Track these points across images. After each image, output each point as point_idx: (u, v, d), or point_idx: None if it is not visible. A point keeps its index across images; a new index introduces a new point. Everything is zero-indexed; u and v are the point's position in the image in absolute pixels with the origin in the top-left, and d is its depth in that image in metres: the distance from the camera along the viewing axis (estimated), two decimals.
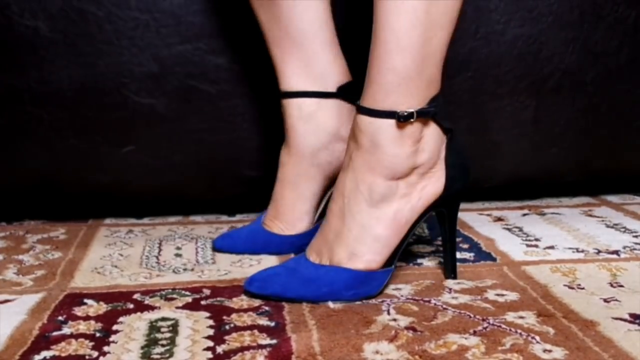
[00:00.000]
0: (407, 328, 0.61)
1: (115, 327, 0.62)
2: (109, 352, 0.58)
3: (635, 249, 0.84)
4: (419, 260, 0.80)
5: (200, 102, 0.93)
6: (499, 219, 0.99)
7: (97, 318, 0.64)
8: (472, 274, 0.76)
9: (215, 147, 0.95)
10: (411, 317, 0.64)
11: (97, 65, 0.90)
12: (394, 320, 0.63)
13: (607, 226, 0.95)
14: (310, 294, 0.68)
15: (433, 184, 0.71)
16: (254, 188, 0.97)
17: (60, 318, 0.64)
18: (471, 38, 0.95)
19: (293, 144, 0.81)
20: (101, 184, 0.96)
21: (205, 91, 0.92)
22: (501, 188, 1.08)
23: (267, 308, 0.66)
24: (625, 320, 0.63)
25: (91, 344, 0.59)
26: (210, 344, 0.59)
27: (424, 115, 0.68)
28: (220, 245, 0.84)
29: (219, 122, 0.94)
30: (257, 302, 0.68)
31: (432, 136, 0.70)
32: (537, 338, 0.59)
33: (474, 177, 1.03)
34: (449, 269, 0.75)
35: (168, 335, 0.61)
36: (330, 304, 0.67)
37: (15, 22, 0.88)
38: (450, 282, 0.73)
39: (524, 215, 1.01)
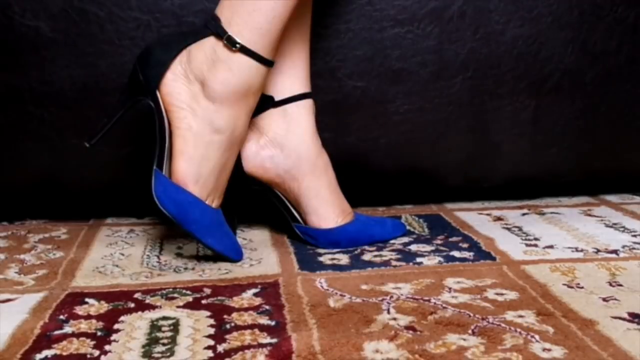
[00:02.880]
0: (406, 327, 0.62)
1: (116, 326, 0.63)
2: (110, 351, 0.58)
3: (634, 249, 0.84)
4: (418, 260, 0.80)
5: None
6: (499, 219, 0.99)
7: (99, 317, 0.65)
8: (472, 273, 0.76)
9: None
10: (411, 316, 0.64)
11: (99, 65, 0.91)
12: (394, 319, 0.63)
13: (606, 226, 0.95)
14: None
15: None
16: None
17: (61, 317, 0.65)
18: (471, 38, 0.96)
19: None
20: (102, 183, 0.96)
21: None
22: (501, 188, 1.08)
23: (267, 307, 0.67)
24: (624, 319, 0.63)
25: (92, 342, 0.59)
26: (211, 342, 0.59)
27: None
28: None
29: None
30: (257, 301, 0.68)
31: None
32: (537, 337, 0.59)
33: (474, 176, 1.04)
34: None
35: (169, 334, 0.61)
36: (331, 303, 0.67)
37: (16, 22, 0.89)
38: (450, 281, 0.73)
39: (524, 214, 1.02)
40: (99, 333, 0.61)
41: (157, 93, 0.77)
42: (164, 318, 0.64)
